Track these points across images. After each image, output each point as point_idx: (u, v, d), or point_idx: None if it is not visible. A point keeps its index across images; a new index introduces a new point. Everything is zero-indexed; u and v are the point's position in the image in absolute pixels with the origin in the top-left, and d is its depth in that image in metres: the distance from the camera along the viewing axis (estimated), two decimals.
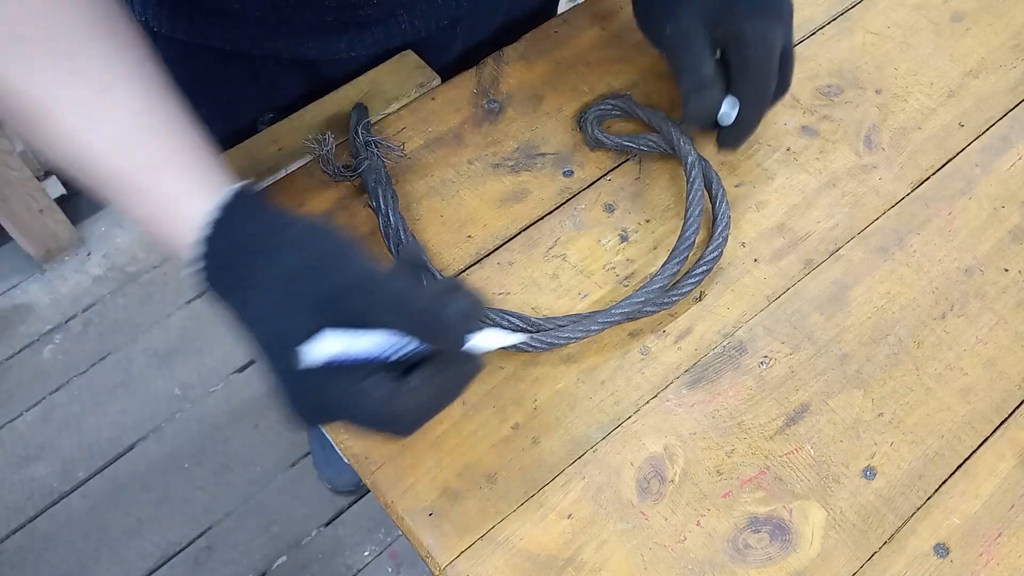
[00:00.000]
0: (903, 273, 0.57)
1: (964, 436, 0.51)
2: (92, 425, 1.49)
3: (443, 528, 0.47)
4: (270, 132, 0.62)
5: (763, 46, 0.54)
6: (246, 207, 0.42)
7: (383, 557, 1.37)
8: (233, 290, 0.41)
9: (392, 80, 0.64)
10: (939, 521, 0.48)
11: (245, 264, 0.41)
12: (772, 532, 0.47)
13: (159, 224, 0.43)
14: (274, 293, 0.40)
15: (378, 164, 0.58)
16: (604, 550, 0.47)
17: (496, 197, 0.60)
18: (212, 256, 0.41)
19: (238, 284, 0.41)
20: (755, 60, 0.54)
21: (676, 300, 0.54)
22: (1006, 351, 0.54)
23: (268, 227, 0.42)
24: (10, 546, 1.37)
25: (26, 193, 1.52)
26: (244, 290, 0.41)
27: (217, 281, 0.42)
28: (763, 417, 0.51)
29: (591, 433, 0.50)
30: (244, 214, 0.42)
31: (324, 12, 0.59)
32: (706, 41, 0.55)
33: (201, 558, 1.37)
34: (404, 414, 0.40)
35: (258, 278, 0.41)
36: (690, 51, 0.55)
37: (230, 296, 0.42)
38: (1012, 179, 0.61)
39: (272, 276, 0.41)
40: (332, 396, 0.40)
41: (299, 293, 0.40)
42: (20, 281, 1.65)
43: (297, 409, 0.41)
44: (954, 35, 0.69)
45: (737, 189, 0.60)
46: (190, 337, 1.58)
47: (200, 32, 0.61)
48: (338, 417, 0.41)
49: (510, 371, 0.52)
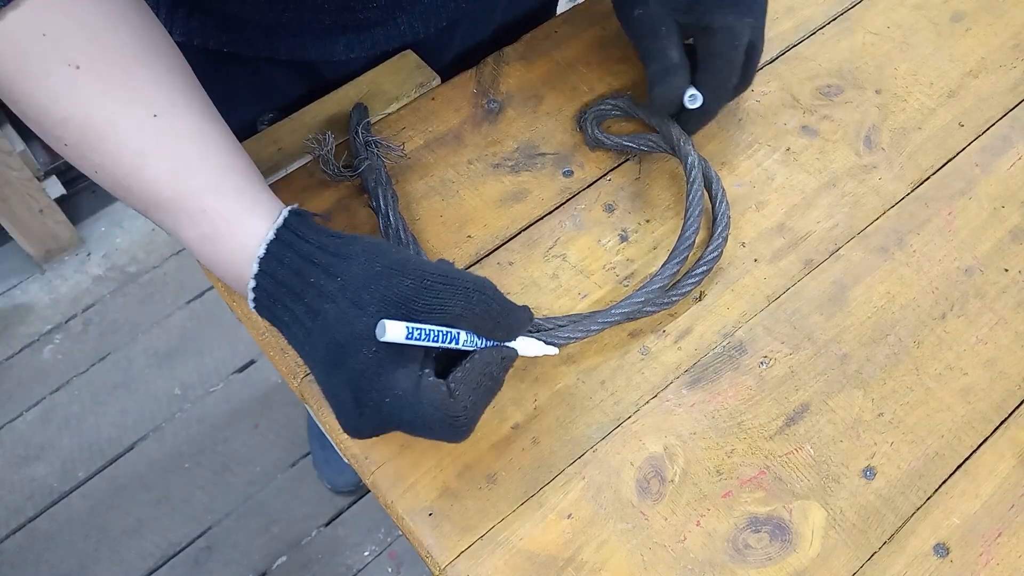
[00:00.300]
0: (903, 273, 0.57)
1: (964, 436, 0.51)
2: (92, 425, 1.49)
3: (443, 528, 0.47)
4: (270, 132, 0.62)
5: (727, 38, 0.54)
6: (305, 225, 0.44)
7: (383, 557, 1.37)
8: (299, 300, 0.42)
9: (392, 80, 0.64)
10: (939, 521, 0.48)
11: (311, 275, 0.42)
12: (772, 532, 0.47)
13: (217, 243, 0.44)
14: (346, 298, 0.41)
15: (378, 164, 0.58)
16: (604, 550, 0.47)
17: (496, 197, 0.60)
18: (276, 271, 0.42)
19: (305, 294, 0.42)
20: (718, 51, 0.55)
21: (676, 300, 0.54)
22: (1006, 351, 0.54)
23: (330, 242, 0.43)
24: (10, 546, 1.37)
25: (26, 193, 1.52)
26: (312, 299, 0.42)
27: (281, 295, 0.43)
28: (763, 417, 0.51)
29: (591, 433, 0.50)
30: (304, 231, 0.43)
31: (323, 14, 0.59)
32: (673, 28, 0.56)
33: (201, 558, 1.37)
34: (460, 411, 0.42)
35: (327, 287, 0.42)
36: (656, 37, 0.56)
37: (296, 306, 0.42)
38: (1012, 179, 0.61)
39: (342, 284, 0.42)
40: (396, 394, 0.41)
41: (373, 295, 0.41)
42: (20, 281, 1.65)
43: (359, 414, 0.42)
44: (954, 35, 0.69)
45: (737, 189, 0.60)
46: (190, 337, 1.58)
47: (198, 34, 0.61)
48: (398, 421, 0.42)
49: (510, 371, 0.52)
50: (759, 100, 0.65)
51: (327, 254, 0.43)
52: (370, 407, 0.41)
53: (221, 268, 0.45)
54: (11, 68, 0.41)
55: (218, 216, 0.43)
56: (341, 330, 0.41)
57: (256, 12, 0.58)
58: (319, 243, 0.43)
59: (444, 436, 0.42)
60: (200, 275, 1.63)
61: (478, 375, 0.43)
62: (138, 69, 0.43)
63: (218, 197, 0.43)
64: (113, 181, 0.44)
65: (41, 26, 0.40)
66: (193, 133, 0.44)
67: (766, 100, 0.65)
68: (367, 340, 0.41)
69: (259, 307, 0.44)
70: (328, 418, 0.50)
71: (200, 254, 0.45)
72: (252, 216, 0.43)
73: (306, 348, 0.43)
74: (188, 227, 0.44)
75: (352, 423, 0.43)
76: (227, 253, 0.44)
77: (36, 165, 1.54)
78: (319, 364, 0.43)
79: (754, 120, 0.64)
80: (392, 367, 0.41)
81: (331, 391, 0.43)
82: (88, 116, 0.42)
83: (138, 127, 0.42)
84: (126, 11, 0.43)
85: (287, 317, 0.43)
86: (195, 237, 0.44)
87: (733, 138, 0.63)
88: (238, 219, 0.43)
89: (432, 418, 0.41)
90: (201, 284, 1.63)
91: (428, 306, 0.42)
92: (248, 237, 0.43)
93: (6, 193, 1.49)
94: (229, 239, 0.43)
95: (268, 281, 0.42)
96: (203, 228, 0.44)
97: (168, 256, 1.68)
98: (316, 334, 0.42)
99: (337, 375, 0.42)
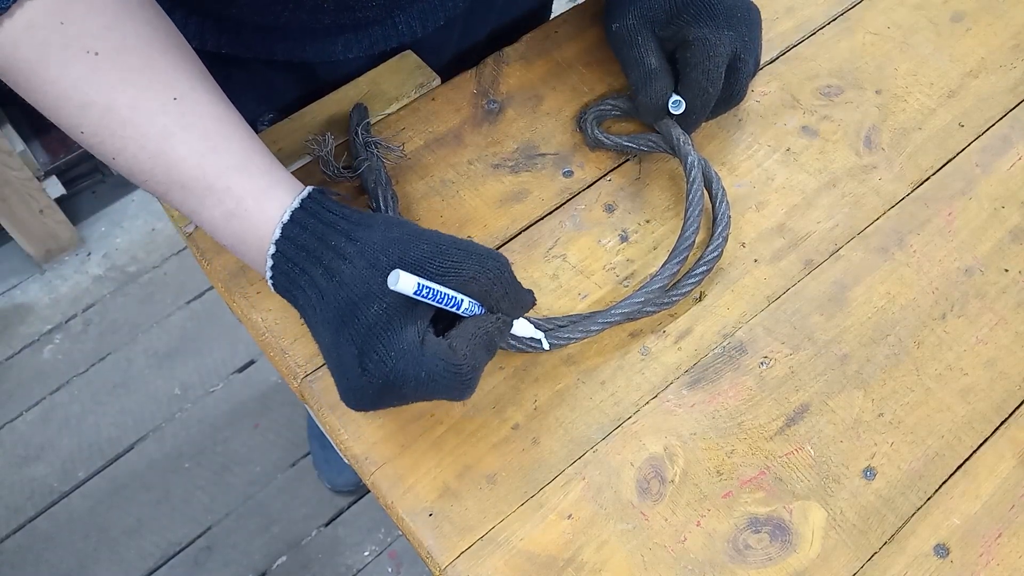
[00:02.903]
0: (903, 273, 0.57)
1: (964, 436, 0.51)
2: (92, 425, 1.49)
3: (443, 528, 0.47)
4: (270, 132, 0.62)
5: (704, 51, 0.55)
6: (328, 199, 0.46)
7: (383, 557, 1.37)
8: (318, 262, 0.44)
9: (392, 80, 0.64)
10: (939, 521, 0.48)
11: (332, 239, 0.44)
12: (772, 532, 0.47)
13: (243, 219, 0.45)
14: (363, 258, 0.43)
15: (378, 165, 0.58)
16: (604, 550, 0.47)
17: (496, 197, 0.60)
18: (298, 236, 0.44)
19: (324, 256, 0.44)
20: (694, 62, 0.56)
21: (676, 300, 0.54)
22: (1006, 351, 0.54)
23: (352, 214, 0.45)
24: (10, 546, 1.37)
25: (26, 193, 1.52)
26: (330, 260, 0.44)
27: (301, 258, 0.44)
28: (763, 417, 0.51)
29: (591, 433, 0.50)
30: (328, 204, 0.45)
31: (321, 14, 0.59)
32: (651, 38, 0.57)
33: (201, 558, 1.37)
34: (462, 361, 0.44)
35: (346, 250, 0.44)
36: (634, 46, 0.57)
37: (314, 268, 0.44)
38: (1012, 179, 0.61)
39: (360, 247, 0.44)
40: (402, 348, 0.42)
41: (390, 257, 0.43)
42: (20, 281, 1.65)
43: (361, 372, 0.43)
44: (954, 35, 0.69)
45: (737, 189, 0.60)
46: (190, 337, 1.58)
47: (196, 36, 0.61)
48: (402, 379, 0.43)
49: (510, 371, 0.52)
50: (759, 100, 0.65)
51: (349, 222, 0.45)
52: (374, 363, 0.42)
53: (244, 244, 0.46)
54: (31, 56, 0.42)
55: (245, 193, 0.45)
56: (355, 288, 0.43)
57: (254, 14, 0.58)
58: (342, 214, 0.45)
59: (448, 389, 0.44)
60: (200, 275, 1.63)
61: (474, 334, 0.45)
62: (155, 55, 0.44)
63: (244, 175, 0.45)
64: (134, 165, 0.45)
65: (59, 15, 0.41)
66: (214, 115, 0.45)
67: (766, 100, 0.65)
68: (379, 297, 0.43)
69: (276, 274, 0.45)
70: (328, 418, 0.51)
71: (223, 231, 0.46)
72: (278, 190, 0.45)
73: (317, 312, 0.44)
74: (213, 205, 0.45)
75: (353, 385, 0.43)
76: (252, 227, 0.45)
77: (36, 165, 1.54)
78: (328, 325, 0.44)
79: (754, 120, 0.64)
80: (399, 324, 0.43)
81: (336, 352, 0.43)
82: (110, 101, 0.42)
83: (161, 110, 0.43)
84: (140, 1, 0.44)
85: (303, 281, 0.44)
86: (220, 215, 0.45)
87: (733, 138, 0.63)
88: (264, 194, 0.45)
89: (436, 369, 0.43)
90: (201, 284, 1.63)
91: (442, 268, 0.44)
92: (274, 210, 0.45)
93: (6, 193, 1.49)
94: (256, 213, 0.45)
95: (289, 246, 0.44)
96: (228, 205, 0.45)
97: (168, 256, 1.68)
98: (330, 294, 0.43)
99: (344, 333, 0.43)
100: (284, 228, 0.44)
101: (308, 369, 0.52)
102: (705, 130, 0.63)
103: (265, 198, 0.45)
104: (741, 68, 0.57)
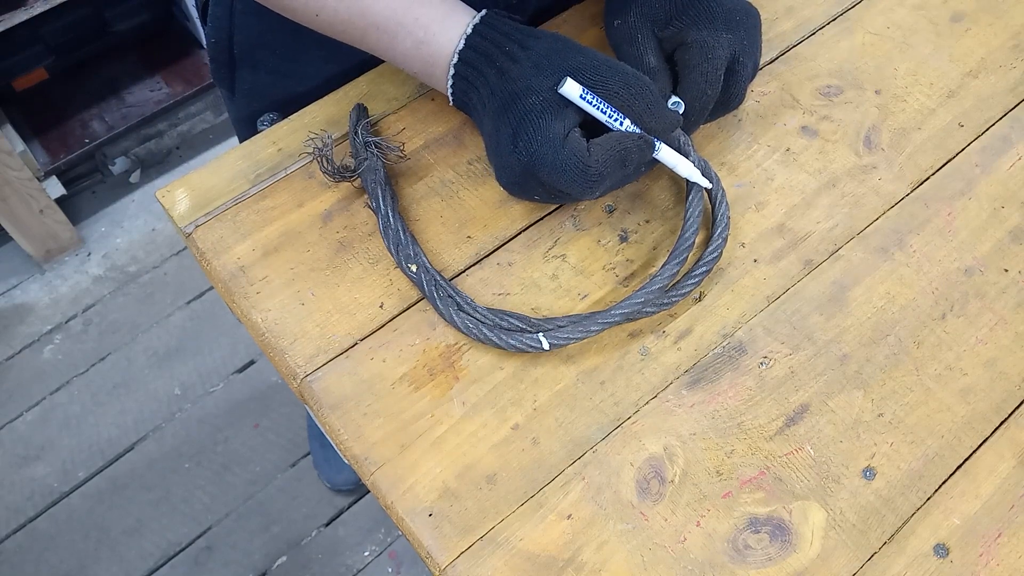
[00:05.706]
0: (903, 273, 0.57)
1: (964, 436, 0.51)
2: (92, 425, 1.49)
3: (443, 529, 0.47)
4: (270, 132, 0.62)
5: (702, 53, 0.56)
6: (503, 17, 0.55)
7: (383, 557, 1.37)
8: (492, 64, 0.53)
9: (392, 80, 0.64)
10: (939, 521, 0.48)
11: (507, 45, 0.53)
12: (772, 532, 0.47)
13: (431, 44, 0.54)
14: (530, 61, 0.53)
15: (378, 164, 0.58)
16: (604, 551, 0.47)
17: (496, 198, 0.60)
18: (478, 44, 0.53)
19: (498, 59, 0.53)
20: (692, 64, 0.56)
21: (676, 300, 0.54)
22: (1006, 351, 0.54)
23: (525, 28, 0.54)
24: (10, 546, 1.37)
25: (26, 193, 1.52)
26: (503, 62, 0.53)
27: (479, 61, 0.53)
28: (763, 417, 0.51)
29: (591, 433, 0.50)
30: (503, 20, 0.54)
31: None
32: (650, 37, 0.58)
33: (201, 558, 1.37)
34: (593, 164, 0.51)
35: (517, 54, 0.53)
36: (633, 44, 0.58)
37: (489, 69, 0.53)
38: (1012, 179, 0.61)
39: (528, 53, 0.53)
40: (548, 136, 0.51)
41: (552, 62, 0.52)
42: (20, 281, 1.65)
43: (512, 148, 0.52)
44: (954, 35, 0.69)
45: (737, 189, 0.60)
46: (190, 337, 1.58)
47: None
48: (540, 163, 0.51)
49: (510, 371, 0.52)
50: (759, 100, 0.65)
51: (521, 34, 0.54)
52: (523, 142, 0.51)
53: (432, 66, 0.55)
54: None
55: (430, 20, 0.54)
56: (520, 83, 0.52)
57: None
58: (515, 27, 0.54)
59: (573, 183, 0.51)
60: (200, 275, 1.63)
61: (612, 146, 0.51)
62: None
63: (426, 6, 0.54)
64: (334, 17, 0.55)
65: None
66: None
67: (766, 100, 0.65)
68: (537, 92, 0.52)
69: (456, 80, 0.54)
70: (328, 418, 0.51)
71: (414, 59, 0.55)
72: (457, 13, 0.54)
73: (487, 105, 0.54)
74: (404, 37, 0.54)
75: (506, 163, 0.53)
76: (438, 47, 0.54)
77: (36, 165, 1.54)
78: (493, 113, 0.53)
79: (754, 120, 0.64)
80: (551, 116, 0.51)
81: (496, 135, 0.53)
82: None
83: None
84: None
85: (479, 82, 0.54)
86: (411, 45, 0.55)
87: (733, 138, 0.63)
88: (446, 19, 0.54)
89: (569, 162, 0.50)
90: (201, 284, 1.64)
91: (592, 80, 0.52)
92: (456, 29, 0.54)
93: (6, 193, 1.49)
94: (441, 35, 0.54)
95: (470, 52, 0.53)
96: (417, 34, 0.54)
97: (168, 256, 1.68)
98: (498, 89, 0.53)
99: (505, 118, 0.52)
100: (467, 38, 0.53)
101: (308, 369, 0.52)
102: (705, 130, 0.63)
103: (449, 22, 0.54)
104: (740, 71, 0.57)
